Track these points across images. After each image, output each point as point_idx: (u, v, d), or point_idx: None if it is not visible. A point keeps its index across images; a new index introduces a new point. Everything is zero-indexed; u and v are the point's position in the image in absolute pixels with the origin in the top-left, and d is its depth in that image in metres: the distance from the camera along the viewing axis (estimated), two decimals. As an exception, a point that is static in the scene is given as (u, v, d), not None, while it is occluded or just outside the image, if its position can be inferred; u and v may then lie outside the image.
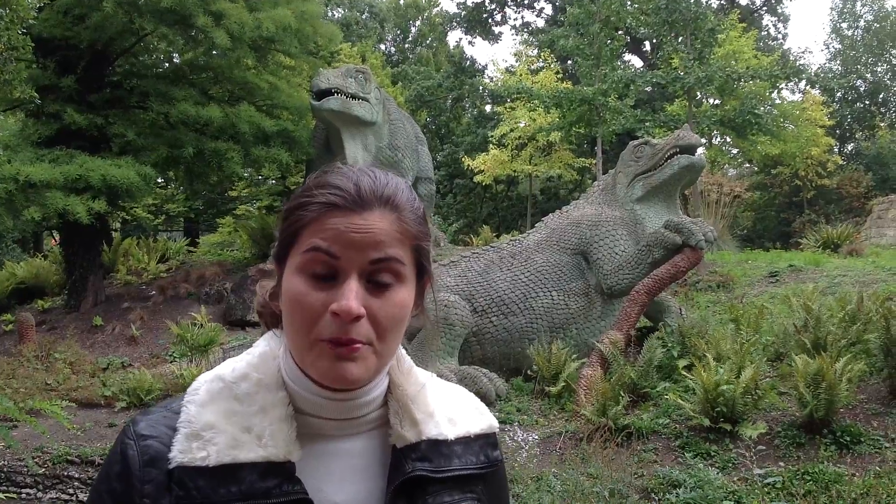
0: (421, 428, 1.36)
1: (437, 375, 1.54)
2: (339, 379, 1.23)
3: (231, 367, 1.35)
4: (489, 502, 1.45)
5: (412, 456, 1.34)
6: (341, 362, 1.22)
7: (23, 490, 9.49)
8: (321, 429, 1.32)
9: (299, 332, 1.24)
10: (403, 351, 1.42)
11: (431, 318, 1.44)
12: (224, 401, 1.29)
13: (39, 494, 9.47)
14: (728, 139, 29.21)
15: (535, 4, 42.48)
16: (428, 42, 47.41)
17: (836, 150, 37.29)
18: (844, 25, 45.31)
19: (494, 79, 34.27)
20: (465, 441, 1.42)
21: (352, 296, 1.19)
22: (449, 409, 1.44)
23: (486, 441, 1.46)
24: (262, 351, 1.36)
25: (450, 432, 1.40)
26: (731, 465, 7.34)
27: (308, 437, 1.30)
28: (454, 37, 59.34)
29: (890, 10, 43.34)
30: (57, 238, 23.35)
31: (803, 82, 29.23)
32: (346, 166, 1.32)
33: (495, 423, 1.51)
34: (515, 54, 33.26)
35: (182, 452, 1.22)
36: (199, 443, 1.23)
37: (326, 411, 1.31)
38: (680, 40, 18.90)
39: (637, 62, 38.14)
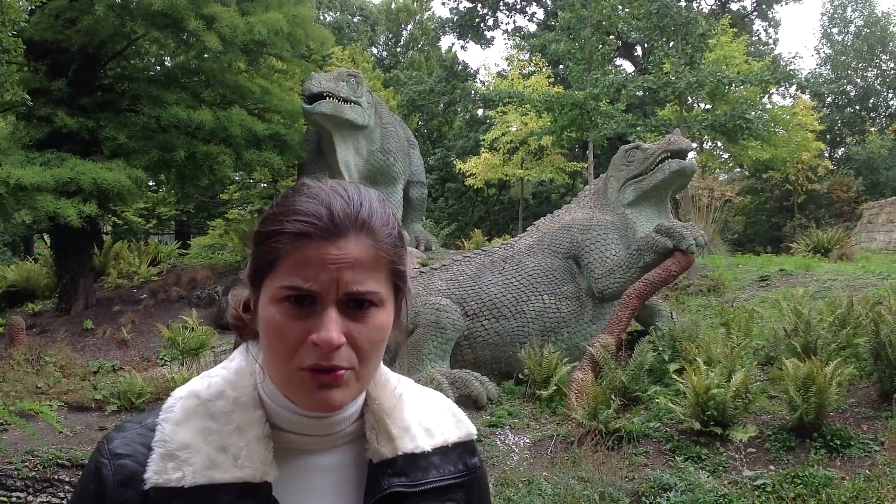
0: (397, 444, 1.36)
1: (429, 379, 1.55)
2: (324, 407, 1.23)
3: (206, 382, 1.33)
4: None
5: (388, 472, 1.33)
6: (324, 391, 1.21)
7: (13, 494, 9.45)
8: (298, 444, 1.31)
9: (280, 362, 1.23)
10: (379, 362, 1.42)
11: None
12: (200, 419, 1.27)
13: (30, 498, 9.43)
14: (719, 144, 29.27)
15: (527, 9, 42.57)
16: (420, 46, 47.44)
17: (827, 154, 37.45)
18: (835, 30, 45.53)
19: (486, 83, 34.33)
20: (443, 451, 1.42)
21: (332, 326, 1.18)
22: (425, 419, 1.43)
23: (465, 449, 1.46)
24: (239, 367, 1.35)
25: (426, 444, 1.39)
26: (721, 468, 7.35)
27: (284, 452, 1.30)
28: (446, 41, 59.35)
29: (880, 15, 43.54)
30: (48, 241, 23.28)
31: (794, 87, 29.34)
32: (316, 184, 1.29)
33: (473, 430, 1.50)
34: (507, 58, 33.24)
35: (157, 473, 1.21)
36: (174, 463, 1.22)
37: (304, 428, 1.31)
38: (671, 45, 18.98)
39: (628, 67, 38.25)
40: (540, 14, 42.20)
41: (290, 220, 1.22)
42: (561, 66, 32.01)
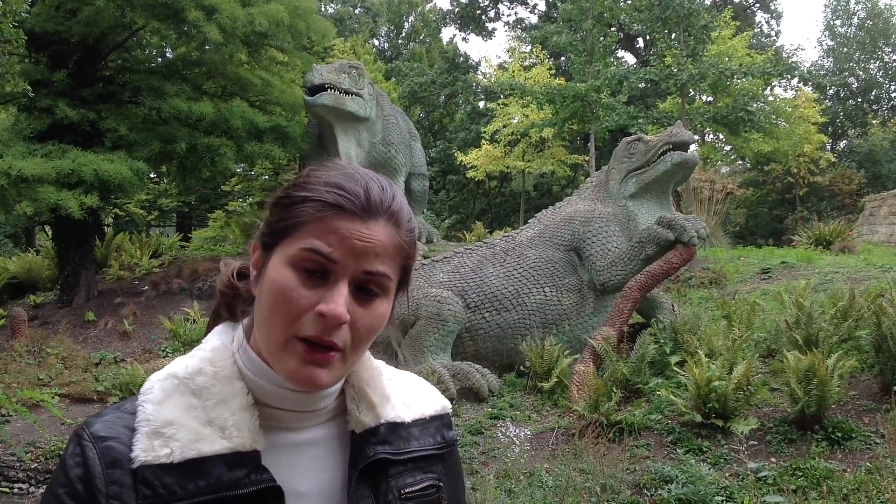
0: (378, 411, 1.37)
1: (430, 371, 1.56)
2: (307, 382, 1.22)
3: (184, 364, 1.31)
4: (448, 483, 1.46)
5: (372, 440, 1.35)
6: (311, 367, 1.21)
7: (15, 484, 9.49)
8: (280, 420, 1.31)
9: (277, 325, 1.22)
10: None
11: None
12: (181, 396, 1.26)
13: (32, 489, 9.46)
14: (721, 136, 29.25)
15: (529, 1, 42.47)
16: (421, 38, 47.37)
17: (829, 147, 37.37)
18: (838, 23, 45.36)
19: (487, 75, 34.28)
20: (422, 423, 1.44)
21: (342, 300, 1.19)
22: (403, 392, 1.45)
23: (441, 422, 1.48)
24: (215, 345, 1.34)
25: (406, 415, 1.41)
26: (722, 460, 7.35)
27: (267, 428, 1.29)
28: (448, 33, 59.24)
29: (883, 7, 43.41)
30: (49, 233, 23.29)
31: (796, 79, 29.27)
32: (351, 166, 1.32)
33: (448, 405, 1.53)
34: (508, 50, 33.19)
35: (144, 451, 1.20)
36: (160, 440, 1.21)
37: (286, 402, 1.30)
38: (673, 37, 18.92)
39: (630, 59, 38.18)
40: (541, 5, 42.13)
41: (328, 190, 1.24)
42: (562, 58, 32.02)
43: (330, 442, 1.36)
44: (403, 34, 48.77)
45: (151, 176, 21.25)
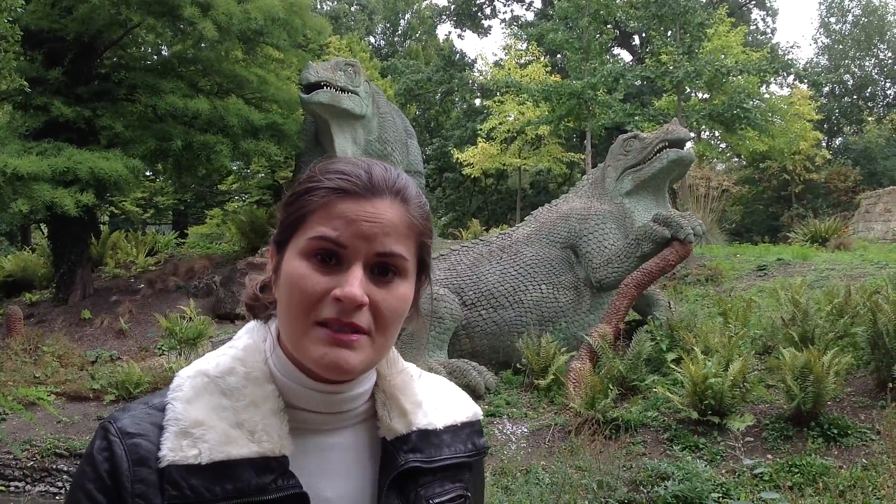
0: (410, 418, 1.34)
1: (427, 369, 1.53)
2: (335, 366, 1.20)
3: (214, 361, 1.30)
4: (473, 491, 1.44)
5: (404, 448, 1.32)
6: (338, 349, 1.19)
7: (11, 483, 9.47)
8: (309, 423, 1.29)
9: (297, 316, 1.20)
10: (396, 336, 1.40)
11: (423, 318, 1.41)
12: (211, 396, 1.24)
13: (28, 487, 9.45)
14: (717, 134, 29.26)
15: (525, -2, 42.49)
16: (417, 35, 47.34)
17: (824, 144, 37.41)
18: (833, 20, 45.44)
19: (483, 72, 34.27)
20: (454, 430, 1.41)
21: (356, 283, 1.17)
22: (435, 398, 1.42)
23: (472, 429, 1.46)
24: (247, 344, 1.32)
25: (438, 421, 1.38)
26: (719, 457, 7.37)
27: (296, 431, 1.27)
28: (444, 30, 59.28)
29: (878, 4, 43.47)
30: (45, 231, 23.26)
31: (791, 77, 29.28)
32: (355, 157, 1.30)
33: (479, 411, 1.50)
34: (505, 47, 33.19)
35: (172, 451, 1.18)
36: (189, 440, 1.19)
37: (316, 404, 1.28)
38: (669, 34, 18.93)
39: (626, 56, 38.22)
40: (537, 2, 42.16)
41: (328, 177, 1.23)
42: (558, 56, 31.99)
43: (359, 447, 1.33)
44: (399, 31, 48.74)
45: (147, 174, 21.24)
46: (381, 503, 1.29)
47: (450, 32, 57.55)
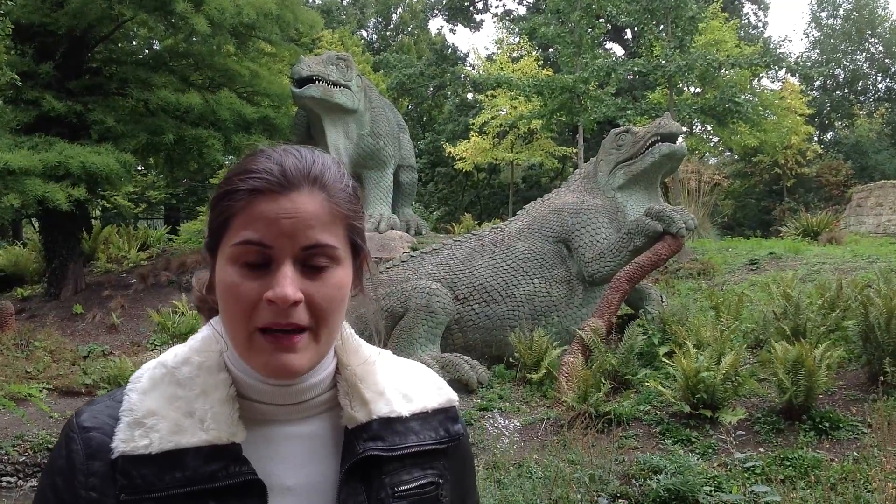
0: (371, 407, 1.33)
1: (420, 363, 1.52)
2: (281, 370, 1.20)
3: (173, 353, 1.32)
4: (453, 478, 1.43)
5: (363, 436, 1.31)
6: (280, 354, 1.19)
7: (3, 478, 9.46)
8: (268, 414, 1.29)
9: (236, 324, 1.21)
10: (350, 329, 1.40)
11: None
12: (167, 386, 1.26)
13: (20, 482, 9.44)
14: (709, 128, 29.31)
15: (517, -8, 42.44)
16: (409, 29, 47.27)
17: (816, 138, 37.51)
18: (824, 14, 45.51)
19: (476, 66, 34.25)
20: (423, 417, 1.40)
21: (286, 282, 1.16)
22: (403, 385, 1.41)
23: (446, 415, 1.44)
24: (205, 335, 1.33)
25: (404, 409, 1.37)
26: (711, 450, 7.40)
27: (256, 422, 1.28)
28: (435, 24, 59.06)
29: (869, -2, 43.56)
30: (36, 225, 23.19)
31: (783, 71, 29.34)
32: (270, 147, 1.28)
33: (454, 397, 1.48)
34: (497, 42, 33.16)
35: (124, 441, 1.20)
36: (141, 430, 1.20)
37: (271, 397, 1.28)
38: (661, 28, 18.93)
39: (618, 50, 38.17)
40: (530, -3, 42.10)
41: (243, 179, 1.21)
42: (550, 50, 31.96)
43: (321, 437, 1.33)
44: (391, 25, 48.67)
45: (139, 168, 21.18)
46: (339, 492, 1.29)
47: (442, 27, 57.30)
